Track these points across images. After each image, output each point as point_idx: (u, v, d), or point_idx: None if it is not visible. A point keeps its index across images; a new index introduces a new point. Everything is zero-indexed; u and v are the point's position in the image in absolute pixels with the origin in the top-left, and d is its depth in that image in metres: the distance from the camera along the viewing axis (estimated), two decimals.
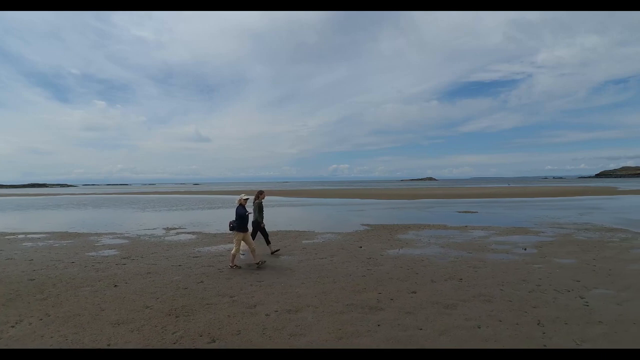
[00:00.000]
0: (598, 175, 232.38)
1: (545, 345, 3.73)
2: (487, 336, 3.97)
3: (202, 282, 6.49)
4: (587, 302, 4.97)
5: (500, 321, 4.36)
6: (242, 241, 7.65)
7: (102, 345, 3.97)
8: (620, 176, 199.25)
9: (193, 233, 12.99)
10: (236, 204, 7.70)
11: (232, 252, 7.61)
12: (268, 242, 8.92)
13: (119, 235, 12.74)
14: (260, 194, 8.95)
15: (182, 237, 12.19)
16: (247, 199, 7.76)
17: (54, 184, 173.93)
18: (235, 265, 7.61)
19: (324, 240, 10.74)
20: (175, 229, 14.33)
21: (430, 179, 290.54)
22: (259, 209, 8.77)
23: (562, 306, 4.84)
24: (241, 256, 7.93)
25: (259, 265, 7.52)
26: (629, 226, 12.72)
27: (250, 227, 8.19)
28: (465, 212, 19.79)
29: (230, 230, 7.61)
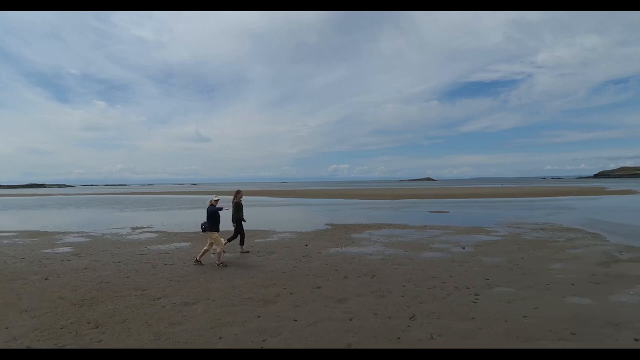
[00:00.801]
0: (596, 176, 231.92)
1: (399, 339, 3.88)
2: (351, 328, 4.16)
3: (128, 277, 6.73)
4: (478, 299, 5.12)
5: (375, 315, 4.54)
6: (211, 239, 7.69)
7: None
8: (619, 176, 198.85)
9: (157, 232, 13.17)
10: (207, 205, 7.87)
11: (205, 248, 7.72)
12: (241, 242, 9.07)
13: (84, 234, 12.94)
14: (237, 194, 9.19)
15: (143, 236, 12.38)
16: (217, 199, 7.94)
17: (52, 184, 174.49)
18: (200, 262, 7.68)
19: (276, 240, 10.92)
20: (143, 228, 14.52)
21: (429, 179, 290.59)
22: (237, 208, 8.99)
23: (449, 302, 4.99)
24: (212, 255, 8.06)
25: (220, 265, 7.52)
26: (586, 226, 12.85)
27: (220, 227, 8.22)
28: (438, 212, 19.97)
29: (202, 231, 7.75)
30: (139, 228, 14.45)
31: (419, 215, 18.20)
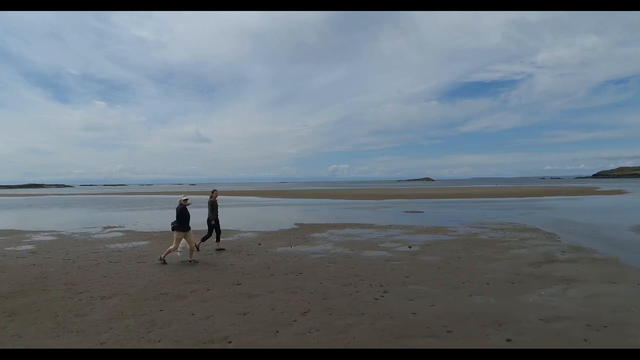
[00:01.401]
0: (595, 176, 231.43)
1: (277, 332, 4.04)
2: (238, 321, 4.34)
3: (67, 273, 6.96)
4: (383, 296, 5.25)
5: (272, 310, 4.71)
6: (182, 239, 7.85)
7: None
8: (617, 176, 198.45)
9: (124, 231, 13.34)
10: (177, 204, 7.99)
11: (170, 248, 7.81)
12: (217, 240, 9.30)
13: (54, 233, 13.13)
14: (213, 193, 9.53)
15: (109, 235, 12.56)
16: (186, 199, 8.08)
17: (50, 185, 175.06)
18: (163, 261, 7.78)
19: (235, 239, 11.06)
20: (114, 227, 14.69)
21: (428, 179, 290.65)
22: (212, 207, 9.25)
23: (352, 300, 5.13)
24: (177, 254, 8.11)
25: (191, 262, 7.76)
26: (548, 226, 12.93)
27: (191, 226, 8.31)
28: (413, 212, 20.09)
29: (172, 230, 7.88)
30: (110, 227, 14.62)
31: (392, 215, 18.34)
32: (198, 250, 8.97)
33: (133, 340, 3.93)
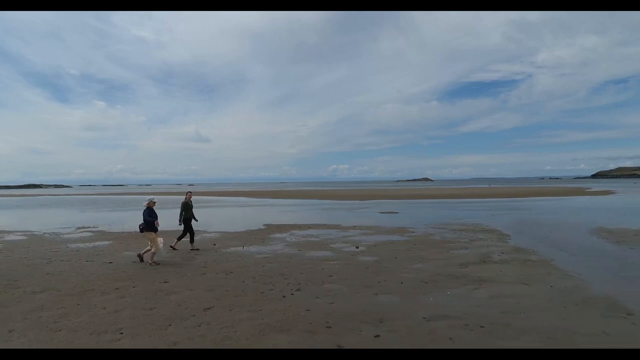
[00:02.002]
0: (594, 176, 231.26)
1: (169, 325, 4.31)
2: (142, 315, 4.60)
3: (16, 270, 7.35)
4: (293, 294, 5.52)
5: (179, 305, 5.04)
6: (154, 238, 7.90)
7: None
8: (616, 176, 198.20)
9: (94, 232, 13.61)
10: (144, 205, 8.09)
11: (152, 250, 7.82)
12: (191, 240, 9.65)
13: (26, 233, 13.42)
14: (187, 194, 10.04)
15: (78, 235, 12.83)
16: (155, 202, 8.26)
17: (49, 185, 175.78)
18: (140, 258, 7.96)
19: (196, 239, 11.31)
20: (87, 228, 14.96)
21: (427, 179, 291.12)
22: (185, 208, 9.62)
23: (262, 297, 5.40)
24: (163, 252, 8.32)
25: (146, 262, 7.87)
26: (507, 227, 13.11)
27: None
28: (388, 212, 20.34)
29: (140, 232, 8.01)
30: (84, 228, 14.89)
31: (365, 216, 18.60)
32: (173, 248, 9.30)
33: (36, 329, 4.27)
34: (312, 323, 4.33)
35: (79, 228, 14.81)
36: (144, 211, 8.01)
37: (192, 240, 9.69)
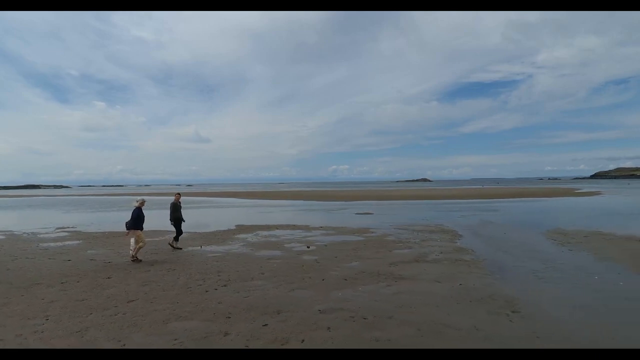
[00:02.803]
0: (593, 176, 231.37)
1: (91, 314, 4.85)
2: (73, 305, 5.09)
3: None
4: (217, 289, 6.03)
5: (108, 298, 5.57)
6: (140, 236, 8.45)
7: None
8: (615, 177, 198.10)
9: (71, 232, 14.16)
10: (134, 206, 8.68)
11: (139, 245, 8.41)
12: (175, 238, 10.12)
13: (6, 233, 14.01)
14: (176, 195, 10.68)
15: (54, 235, 13.38)
16: (144, 201, 8.95)
17: (48, 185, 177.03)
18: (136, 258, 8.36)
19: (159, 239, 11.83)
20: (66, 228, 15.51)
21: (425, 180, 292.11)
22: (174, 208, 10.24)
23: (188, 291, 5.93)
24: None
25: (133, 260, 8.33)
26: (466, 228, 13.63)
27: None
28: (364, 213, 20.89)
29: (127, 229, 8.53)
30: (62, 228, 15.44)
31: (338, 217, 19.15)
32: (174, 248, 9.77)
33: None
34: (216, 314, 4.85)
35: (58, 228, 15.36)
36: (134, 210, 8.55)
37: (176, 239, 10.15)
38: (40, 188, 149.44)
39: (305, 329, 4.40)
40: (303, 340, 4.03)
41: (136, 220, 8.44)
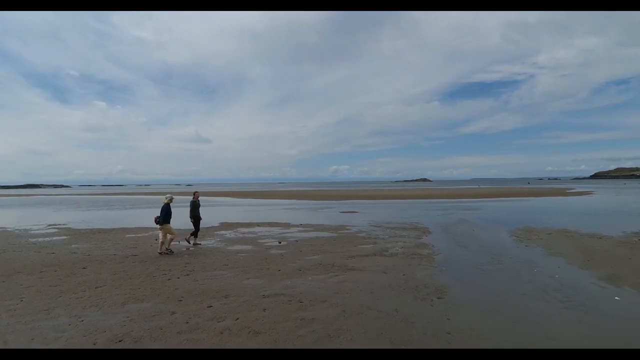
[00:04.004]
0: (592, 177, 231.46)
1: (59, 297, 5.48)
2: (46, 291, 5.70)
3: None
4: (179, 278, 6.67)
5: (79, 285, 6.15)
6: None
7: None
8: (614, 177, 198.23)
9: (61, 229, 14.80)
10: (164, 202, 9.56)
11: (160, 240, 9.20)
12: (193, 234, 10.67)
13: (0, 229, 14.65)
14: (194, 194, 11.36)
15: (44, 231, 14.05)
16: (172, 198, 9.73)
17: (48, 185, 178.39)
18: (163, 252, 9.02)
19: (141, 235, 12.52)
20: (57, 225, 16.18)
21: (424, 180, 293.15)
22: (194, 206, 10.86)
23: (151, 278, 6.56)
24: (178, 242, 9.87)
25: (161, 254, 8.96)
26: (438, 226, 14.26)
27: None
28: (348, 212, 21.49)
29: (156, 224, 9.35)
30: (53, 225, 16.10)
31: (321, 215, 19.79)
32: (192, 243, 10.35)
33: None
34: (170, 297, 5.47)
35: (50, 225, 16.01)
36: (163, 206, 9.41)
37: (195, 235, 10.67)
38: (40, 187, 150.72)
39: (243, 309, 5.00)
40: (237, 319, 4.63)
41: (166, 216, 9.28)
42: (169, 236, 9.23)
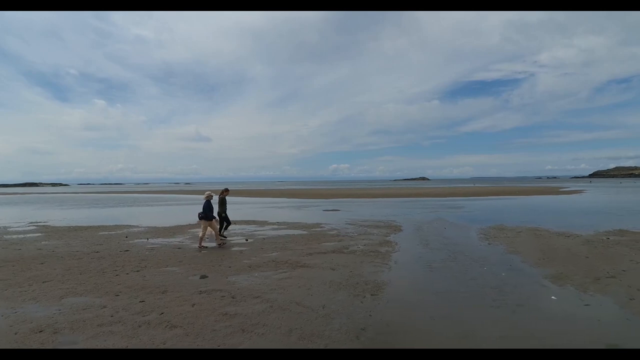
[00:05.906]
0: (591, 175, 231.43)
1: (31, 285, 5.68)
2: (26, 282, 6.00)
3: None
4: (128, 274, 6.83)
5: (48, 275, 6.33)
6: (208, 227, 9.81)
7: None
8: (613, 176, 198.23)
9: (41, 226, 15.02)
10: (204, 199, 9.97)
11: (200, 235, 9.71)
12: (225, 228, 11.16)
13: None
14: (225, 191, 11.59)
15: (23, 228, 14.28)
16: (211, 195, 10.05)
17: (47, 183, 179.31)
18: (202, 246, 9.47)
19: (123, 232, 12.70)
20: (38, 222, 16.41)
21: (423, 178, 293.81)
22: (221, 202, 11.14)
23: (102, 274, 6.75)
24: (206, 239, 10.05)
25: (220, 245, 9.72)
26: (412, 223, 14.38)
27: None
28: (331, 210, 21.69)
29: (199, 219, 9.84)
30: (34, 223, 16.32)
31: (302, 213, 20.02)
32: (223, 240, 10.52)
33: None
34: (108, 292, 5.64)
35: (31, 223, 16.24)
36: (204, 203, 9.77)
37: (225, 229, 11.21)
38: (38, 186, 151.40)
39: (174, 305, 5.15)
40: (162, 313, 4.78)
41: (207, 212, 9.55)
42: (210, 231, 9.78)
